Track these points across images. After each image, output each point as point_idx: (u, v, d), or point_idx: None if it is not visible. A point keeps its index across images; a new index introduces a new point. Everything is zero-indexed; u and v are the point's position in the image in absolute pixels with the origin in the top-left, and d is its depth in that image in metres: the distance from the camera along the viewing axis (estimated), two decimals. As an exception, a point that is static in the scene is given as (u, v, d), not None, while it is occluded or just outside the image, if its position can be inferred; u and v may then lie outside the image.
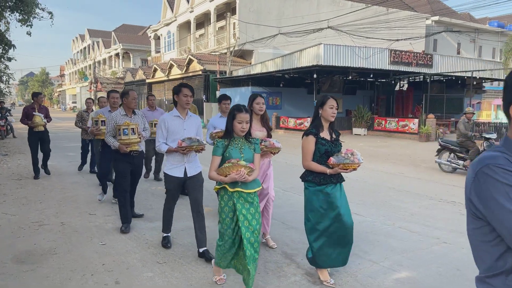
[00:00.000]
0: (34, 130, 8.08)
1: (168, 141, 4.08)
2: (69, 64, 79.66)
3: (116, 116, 4.92)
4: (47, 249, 4.30)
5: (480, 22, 42.42)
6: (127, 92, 4.94)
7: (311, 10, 28.77)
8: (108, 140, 4.89)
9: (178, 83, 4.07)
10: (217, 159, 3.20)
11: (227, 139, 3.22)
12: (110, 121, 4.91)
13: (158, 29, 40.64)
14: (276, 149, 4.30)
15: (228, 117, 3.23)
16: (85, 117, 8.55)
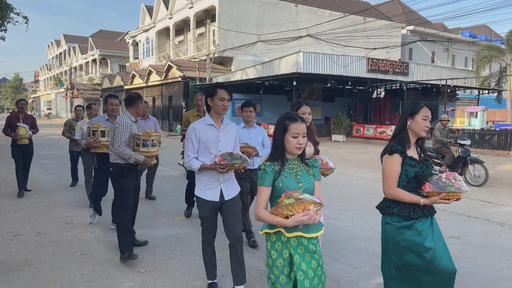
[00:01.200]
0: (18, 143, 7.12)
1: (198, 156, 3.34)
2: (44, 69, 77.90)
3: (131, 124, 4.17)
4: (22, 260, 4.17)
5: (453, 32, 43.82)
6: (135, 97, 4.26)
7: (290, 18, 29.11)
8: (126, 153, 4.04)
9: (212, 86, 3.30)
10: (267, 190, 2.30)
11: (278, 162, 2.33)
12: (125, 129, 4.10)
13: (137, 35, 40.27)
14: (330, 170, 3.64)
15: (277, 130, 2.35)
16: (73, 125, 7.70)
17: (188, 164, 3.32)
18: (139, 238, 4.86)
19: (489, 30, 48.32)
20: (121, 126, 4.09)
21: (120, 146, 4.04)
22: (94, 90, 47.44)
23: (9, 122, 7.22)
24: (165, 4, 33.51)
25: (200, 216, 3.40)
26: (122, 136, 4.07)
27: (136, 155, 4.08)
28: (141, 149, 4.13)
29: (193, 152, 3.32)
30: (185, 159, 3.36)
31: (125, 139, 4.09)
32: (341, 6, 33.15)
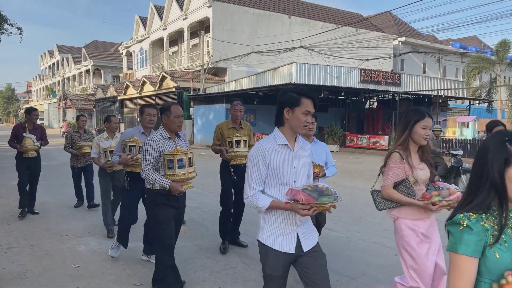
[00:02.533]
0: (24, 155, 6.34)
1: (266, 187, 2.38)
2: (37, 80, 77.62)
3: (160, 140, 3.41)
4: (16, 273, 4.12)
5: (443, 43, 44.48)
6: (168, 107, 3.44)
7: (283, 30, 29.39)
8: (150, 177, 3.34)
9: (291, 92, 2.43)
10: (472, 264, 1.33)
11: (490, 213, 1.38)
12: (151, 148, 3.37)
13: (130, 46, 40.37)
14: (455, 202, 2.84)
15: (494, 157, 1.38)
16: (76, 140, 7.04)
17: (252, 201, 2.35)
18: (134, 250, 4.84)
19: (479, 42, 49.13)
20: (147, 144, 3.39)
21: (145, 168, 3.36)
22: (88, 100, 47.32)
23: (15, 133, 6.50)
24: (159, 15, 33.71)
25: (267, 275, 2.38)
26: (147, 156, 3.37)
27: (161, 180, 3.32)
28: (177, 172, 3.33)
29: (258, 184, 2.36)
30: (247, 193, 2.37)
31: (151, 160, 3.37)
32: (334, 18, 33.57)
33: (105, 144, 5.51)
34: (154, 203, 3.47)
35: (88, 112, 49.84)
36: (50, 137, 7.69)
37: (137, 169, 4.17)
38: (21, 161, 6.50)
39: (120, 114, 36.35)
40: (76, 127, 7.32)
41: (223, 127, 5.01)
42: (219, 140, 4.97)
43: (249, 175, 2.38)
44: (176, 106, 3.47)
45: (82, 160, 7.18)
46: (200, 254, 4.76)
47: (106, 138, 5.63)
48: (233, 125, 4.98)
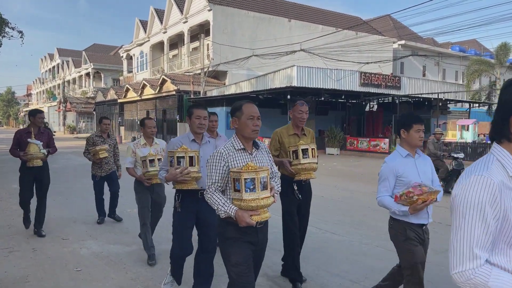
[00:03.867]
0: (28, 164, 5.39)
1: None
2: (37, 83, 77.72)
3: (229, 152, 2.63)
4: (18, 277, 4.11)
5: (443, 46, 44.58)
6: (239, 106, 2.71)
7: (283, 33, 29.46)
8: (213, 200, 2.56)
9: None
10: None
11: None
12: (218, 162, 2.59)
13: (131, 49, 40.45)
14: None
15: None
16: (98, 144, 6.30)
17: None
18: (136, 253, 4.83)
19: (478, 45, 49.24)
20: (213, 158, 2.61)
21: (208, 189, 2.61)
22: (88, 103, 47.39)
23: (18, 139, 5.46)
24: (159, 18, 33.80)
25: None
26: (212, 173, 2.59)
27: (225, 206, 2.49)
28: (233, 195, 2.50)
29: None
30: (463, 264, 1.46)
31: (216, 178, 2.58)
32: (334, 21, 33.67)
33: (142, 152, 4.66)
34: (224, 236, 2.65)
35: (88, 115, 49.97)
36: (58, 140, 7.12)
37: (189, 185, 3.37)
38: (25, 172, 5.51)
39: (120, 117, 36.37)
40: (99, 130, 6.60)
41: (282, 134, 4.11)
42: (277, 150, 4.06)
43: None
44: (249, 105, 2.66)
45: (105, 168, 6.39)
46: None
47: (144, 145, 4.77)
48: (295, 131, 4.03)
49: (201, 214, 3.50)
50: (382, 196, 3.06)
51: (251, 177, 2.40)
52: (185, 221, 3.51)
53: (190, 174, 3.30)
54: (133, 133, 33.11)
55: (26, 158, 5.35)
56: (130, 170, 4.78)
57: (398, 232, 3.04)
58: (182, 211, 3.49)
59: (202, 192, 3.36)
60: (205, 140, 3.60)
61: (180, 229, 3.53)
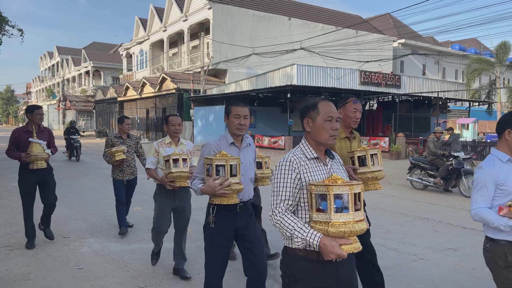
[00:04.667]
0: (31, 167, 4.79)
1: None
2: (36, 81, 77.66)
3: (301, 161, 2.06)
4: (20, 274, 4.11)
5: (443, 45, 44.57)
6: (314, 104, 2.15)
7: (283, 32, 29.44)
8: (286, 224, 1.94)
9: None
10: None
11: None
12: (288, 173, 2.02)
13: (130, 47, 40.42)
14: None
15: None
16: (117, 145, 5.70)
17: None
18: (137, 251, 4.84)
19: (478, 44, 49.23)
20: (280, 168, 2.03)
21: (276, 210, 1.98)
22: (87, 102, 47.37)
23: (16, 139, 4.86)
24: (159, 17, 33.76)
25: None
26: (280, 188, 1.99)
27: (304, 232, 1.86)
28: (315, 216, 1.88)
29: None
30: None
31: (286, 195, 1.97)
32: (334, 20, 33.65)
33: (166, 151, 4.06)
34: (291, 278, 2.00)
35: (88, 113, 49.95)
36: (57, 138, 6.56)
37: (230, 200, 2.76)
38: (27, 176, 4.87)
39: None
40: (118, 131, 5.87)
41: None
42: None
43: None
44: (327, 103, 2.11)
45: (127, 171, 5.70)
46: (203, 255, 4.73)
47: (169, 144, 4.17)
48: (346, 134, 3.31)
49: (241, 230, 2.92)
50: (480, 208, 2.50)
51: (343, 192, 1.80)
52: (220, 242, 2.87)
53: (231, 187, 2.71)
54: (133, 131, 33.10)
55: (30, 159, 4.74)
56: (151, 172, 4.12)
57: (498, 257, 2.45)
58: (217, 229, 2.85)
59: (241, 205, 2.89)
60: (245, 143, 3.01)
61: (216, 250, 2.89)
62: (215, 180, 2.68)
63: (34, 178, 4.91)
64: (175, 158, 3.83)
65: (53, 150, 5.10)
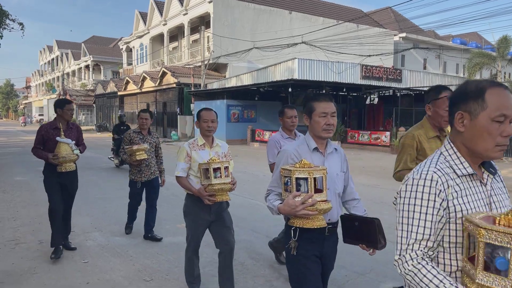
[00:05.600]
0: (60, 169, 4.37)
1: None
2: (36, 75, 77.49)
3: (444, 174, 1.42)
4: (26, 268, 4.13)
5: (444, 39, 44.40)
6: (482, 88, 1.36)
7: (284, 25, 29.32)
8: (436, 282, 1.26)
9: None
10: None
11: None
12: (428, 195, 1.35)
13: (130, 42, 40.27)
14: None
15: None
16: (136, 141, 5.13)
17: None
18: (142, 245, 4.86)
19: (479, 37, 49.05)
20: (412, 190, 1.39)
21: (407, 253, 1.35)
22: (87, 96, 47.28)
23: (43, 137, 4.44)
24: (159, 10, 33.60)
25: None
26: (413, 221, 1.36)
27: None
28: None
29: None
30: None
31: (425, 231, 1.35)
32: (335, 14, 33.49)
33: (200, 155, 3.34)
34: None
35: (88, 107, 49.89)
36: None
37: (314, 222, 2.14)
38: (54, 179, 4.47)
39: (120, 110, 36.28)
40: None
41: (421, 137, 2.91)
42: (414, 161, 2.87)
43: None
44: (501, 91, 1.35)
45: (146, 172, 5.17)
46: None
47: (202, 147, 3.41)
48: (436, 133, 2.92)
49: (327, 260, 2.43)
50: None
51: None
52: (308, 272, 2.29)
53: (316, 206, 2.07)
54: (133, 126, 33.05)
55: (57, 161, 4.30)
56: (183, 181, 3.38)
57: None
58: (301, 254, 2.29)
59: (330, 227, 2.34)
60: (331, 148, 2.41)
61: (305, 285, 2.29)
62: (295, 198, 2.06)
63: (59, 180, 4.51)
64: (216, 167, 3.10)
65: (81, 148, 4.69)
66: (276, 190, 2.31)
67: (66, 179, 4.54)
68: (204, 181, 3.17)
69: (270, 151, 3.82)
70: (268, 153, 3.84)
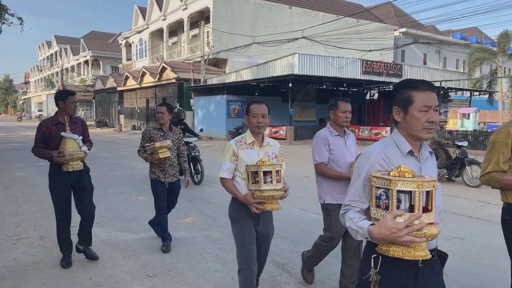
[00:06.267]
0: (65, 169, 3.84)
1: None
2: (35, 71, 77.24)
3: None
4: (28, 264, 4.11)
5: (444, 34, 44.29)
6: None
7: (284, 20, 29.19)
8: None
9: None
10: None
11: None
12: None
13: (130, 37, 40.10)
14: None
15: None
16: (156, 138, 4.55)
17: None
18: (145, 241, 4.84)
19: (479, 32, 48.93)
20: None
21: None
22: (87, 91, 47.17)
23: (44, 134, 3.92)
24: (159, 5, 33.43)
25: None
26: None
27: None
28: None
29: None
30: None
31: None
32: (335, 8, 33.35)
33: (248, 155, 2.88)
34: None
35: (87, 103, 49.78)
36: None
37: (415, 253, 1.59)
38: (60, 180, 3.95)
39: (119, 106, 36.21)
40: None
41: None
42: (507, 163, 2.55)
43: None
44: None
45: (170, 172, 4.61)
46: (210, 244, 4.75)
47: (251, 145, 2.93)
48: None
49: None
50: None
51: None
52: None
53: (424, 231, 1.54)
54: (133, 121, 33.03)
55: (63, 160, 3.80)
56: (228, 184, 2.90)
57: None
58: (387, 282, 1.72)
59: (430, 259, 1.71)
60: (426, 153, 1.88)
61: None
62: (396, 218, 1.53)
63: (67, 180, 3.96)
64: (266, 170, 2.69)
65: (88, 145, 4.13)
66: (358, 206, 1.77)
67: (76, 180, 3.99)
68: (252, 185, 2.76)
69: (317, 149, 3.37)
70: (314, 152, 3.39)
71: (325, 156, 3.33)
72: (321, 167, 3.34)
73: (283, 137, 19.53)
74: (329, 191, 3.34)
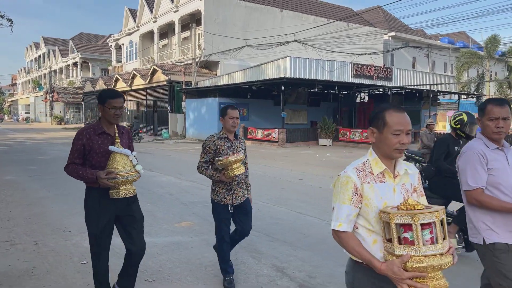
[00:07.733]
0: (113, 195, 2.93)
1: None
2: (22, 72, 76.16)
3: None
4: (23, 270, 4.04)
5: (432, 38, 44.86)
6: None
7: (275, 24, 29.29)
8: None
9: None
10: None
11: None
12: None
13: (120, 39, 39.83)
14: None
15: None
16: (223, 150, 3.65)
17: None
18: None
19: (466, 37, 49.67)
20: None
21: None
22: (75, 94, 46.70)
23: (84, 146, 2.95)
24: (149, 7, 33.29)
25: None
26: None
27: None
28: None
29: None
30: None
31: None
32: (325, 12, 33.58)
33: (378, 192, 1.84)
34: None
35: (76, 105, 49.25)
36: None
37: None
38: (103, 209, 3.07)
39: None
40: (222, 130, 3.77)
41: None
42: None
43: None
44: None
45: (238, 192, 3.71)
46: (208, 249, 4.71)
47: (380, 176, 1.89)
48: None
49: None
50: None
51: None
52: None
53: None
54: (123, 123, 32.73)
55: (115, 182, 2.85)
56: (351, 241, 1.89)
57: None
58: None
59: None
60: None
61: None
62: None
63: (113, 210, 3.04)
64: (425, 222, 1.59)
65: None
66: None
67: (124, 208, 3.05)
68: (398, 248, 1.62)
69: (471, 170, 2.50)
70: (468, 173, 2.52)
71: (483, 179, 2.47)
72: (477, 194, 2.46)
73: (275, 140, 19.56)
74: (491, 225, 2.48)
